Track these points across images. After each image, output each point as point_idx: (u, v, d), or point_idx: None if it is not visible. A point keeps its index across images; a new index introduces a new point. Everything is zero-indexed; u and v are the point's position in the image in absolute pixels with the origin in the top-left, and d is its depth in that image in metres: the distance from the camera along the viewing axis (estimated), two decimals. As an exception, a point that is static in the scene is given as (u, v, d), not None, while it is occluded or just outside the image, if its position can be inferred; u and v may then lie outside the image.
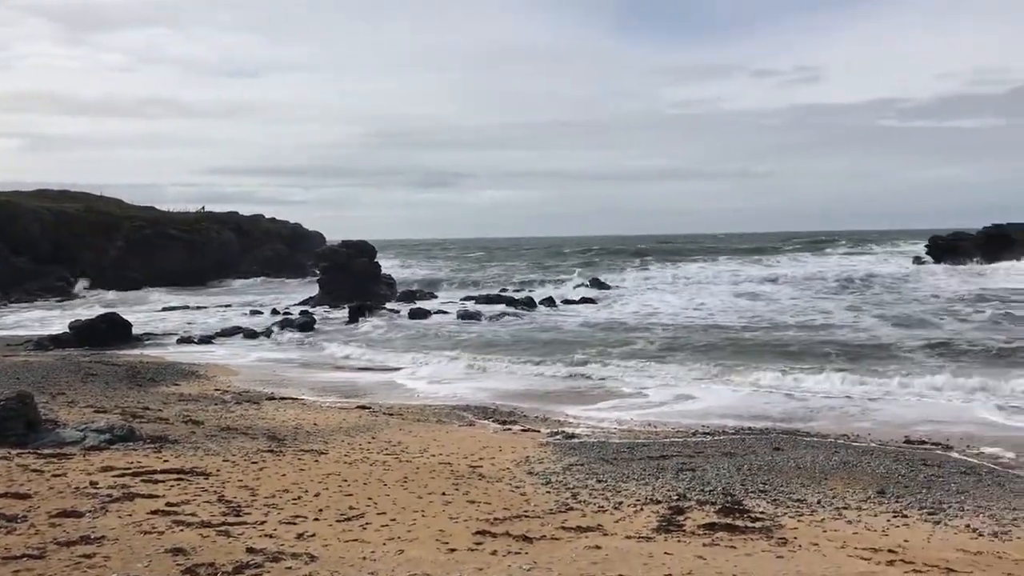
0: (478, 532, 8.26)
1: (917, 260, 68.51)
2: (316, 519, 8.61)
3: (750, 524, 8.87)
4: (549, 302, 39.80)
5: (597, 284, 48.25)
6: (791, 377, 19.23)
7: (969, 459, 12.53)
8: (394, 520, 8.69)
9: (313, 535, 7.96)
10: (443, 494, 10.00)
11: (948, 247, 66.60)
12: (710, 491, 10.40)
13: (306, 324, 32.55)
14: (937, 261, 65.02)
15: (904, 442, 13.64)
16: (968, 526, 9.04)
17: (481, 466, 11.72)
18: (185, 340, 29.33)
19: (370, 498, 9.63)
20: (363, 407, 17.01)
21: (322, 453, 12.25)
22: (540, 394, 18.72)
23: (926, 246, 71.51)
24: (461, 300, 42.37)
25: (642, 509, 9.53)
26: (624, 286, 49.82)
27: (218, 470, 10.67)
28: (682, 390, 18.53)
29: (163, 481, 9.80)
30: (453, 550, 7.63)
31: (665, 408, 16.97)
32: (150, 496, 9.02)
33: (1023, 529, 8.93)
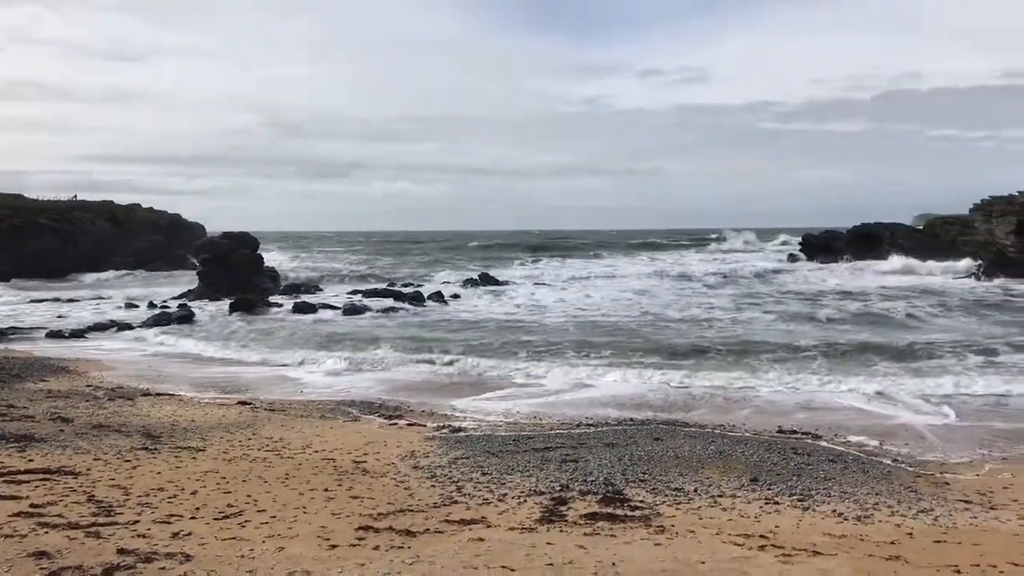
0: (361, 528, 8.19)
1: (792, 257, 71.38)
2: (192, 518, 8.37)
3: (630, 513, 9.08)
4: (438, 297, 39.67)
5: (488, 279, 48.37)
6: (673, 370, 19.73)
7: (836, 447, 13.13)
8: (274, 517, 8.53)
9: (189, 534, 7.73)
10: (326, 490, 9.86)
11: (820, 245, 69.68)
12: (592, 481, 10.60)
13: (184, 318, 31.52)
14: (810, 258, 67.95)
15: (777, 432, 14.19)
16: (834, 511, 9.48)
17: (365, 461, 11.61)
18: (55, 334, 27.94)
19: (250, 495, 9.42)
20: (244, 403, 16.59)
21: (200, 450, 11.91)
22: (427, 388, 18.67)
23: (800, 244, 74.68)
24: (348, 294, 41.80)
25: (526, 501, 9.63)
26: (516, 281, 50.11)
27: (88, 469, 10.24)
28: (569, 382, 18.80)
29: (27, 482, 9.35)
30: (335, 546, 7.53)
31: (551, 399, 17.19)
32: (12, 498, 8.59)
33: (884, 512, 9.43)
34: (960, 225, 58.96)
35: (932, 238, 61.99)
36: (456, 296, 40.59)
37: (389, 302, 36.93)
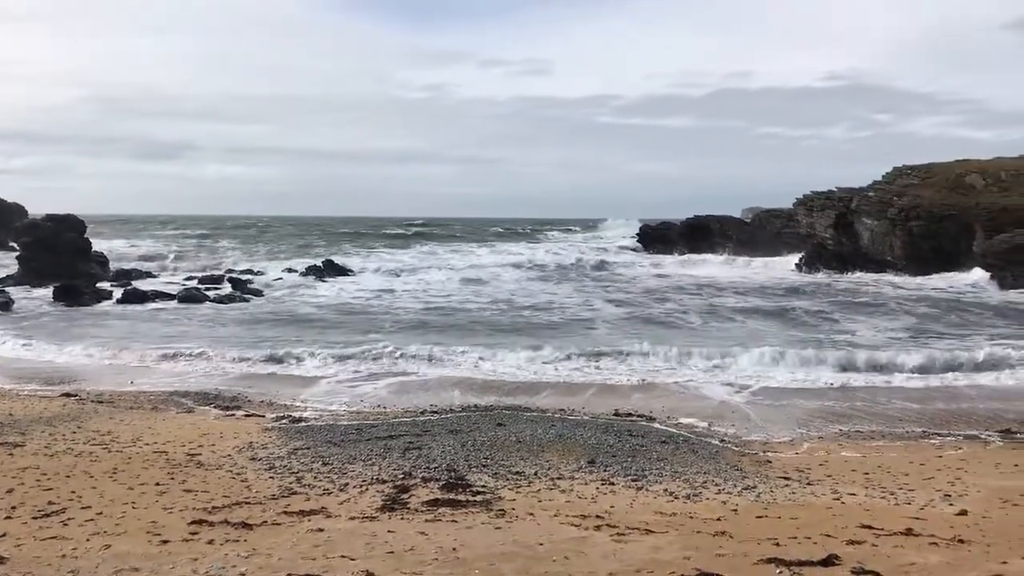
0: (194, 522, 7.91)
1: (629, 248, 73.85)
2: (8, 517, 7.86)
3: (471, 498, 9.18)
4: (280, 284, 38.71)
5: (333, 266, 47.46)
6: (514, 355, 20.01)
7: (669, 428, 13.71)
8: (100, 514, 8.12)
9: (3, 535, 7.25)
10: (157, 484, 9.47)
11: (656, 236, 72.48)
12: (435, 468, 10.64)
13: (2, 304, 29.42)
14: (647, 249, 70.57)
15: (614, 414, 14.66)
16: (666, 490, 9.90)
17: (200, 454, 11.22)
18: None
19: (74, 492, 8.93)
20: (68, 395, 15.68)
21: (18, 445, 11.17)
22: (267, 378, 18.18)
23: (637, 235, 77.34)
24: (184, 281, 40.12)
25: (367, 489, 9.56)
26: (359, 268, 49.45)
27: None
28: (411, 369, 18.73)
29: None
30: (166, 541, 7.25)
31: (397, 385, 17.10)
32: None
33: (711, 491, 9.93)
34: (784, 218, 62.50)
35: (759, 230, 65.48)
36: (298, 284, 39.70)
37: (227, 289, 35.73)
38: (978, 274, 44.08)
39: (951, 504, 9.42)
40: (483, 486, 9.81)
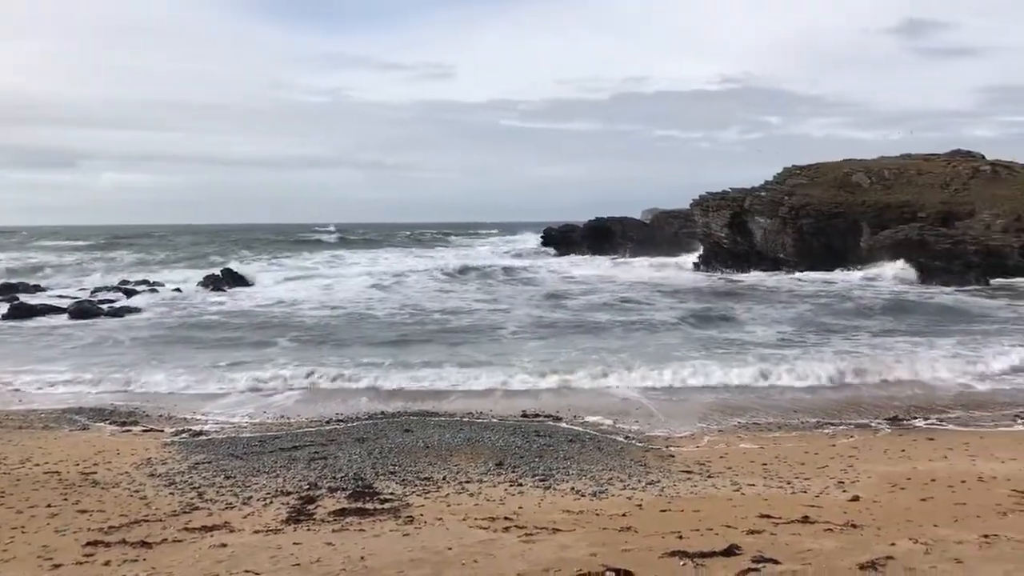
0: (89, 543, 7.63)
1: (534, 251, 74.51)
2: None
3: (379, 506, 9.12)
4: (179, 294, 37.63)
5: (233, 275, 46.28)
6: (423, 360, 19.93)
7: (575, 427, 13.87)
8: (-13, 541, 7.74)
9: None
10: (48, 506, 9.10)
11: (560, 239, 73.33)
12: (342, 477, 10.53)
13: None
14: (552, 251, 71.29)
15: (522, 416, 14.75)
16: (573, 488, 10.03)
17: (95, 472, 10.82)
18: None
19: (-43, 519, 8.49)
20: (-50, 417, 14.88)
21: None
22: (166, 392, 17.60)
23: (541, 237, 78.12)
24: (76, 293, 38.54)
25: (272, 502, 9.40)
26: (262, 276, 48.36)
27: None
28: (316, 378, 18.40)
29: None
30: (58, 565, 6.98)
31: (298, 395, 16.79)
32: None
33: (617, 487, 10.10)
34: (682, 219, 64.04)
35: (658, 231, 66.93)
36: (198, 293, 38.66)
37: (123, 301, 34.52)
38: (887, 269, 45.66)
39: (844, 491, 9.82)
40: (391, 493, 9.75)
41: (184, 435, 13.48)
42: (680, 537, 7.59)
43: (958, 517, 8.35)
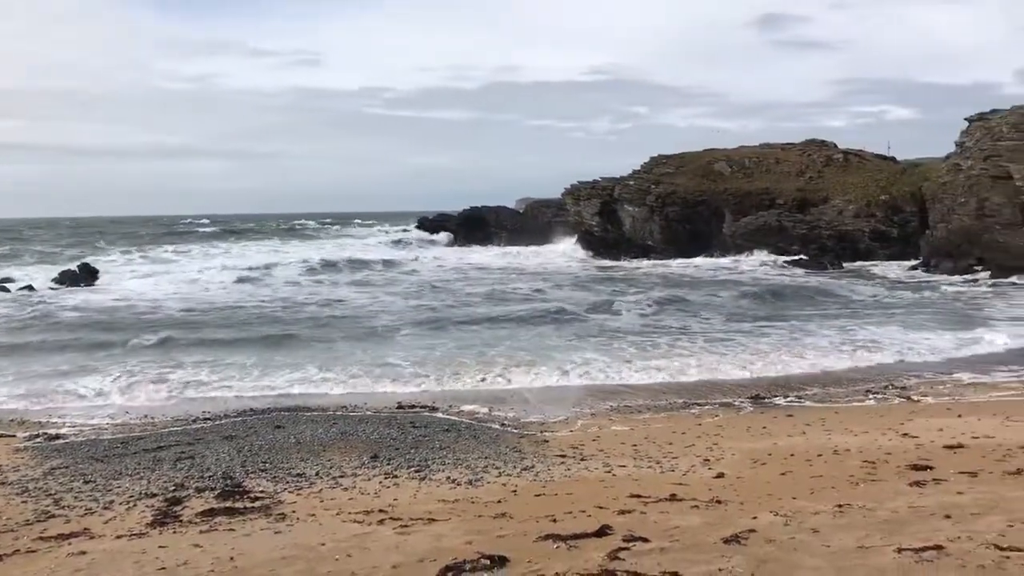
0: (-68, 559, 7.14)
1: (408, 241, 74.02)
2: None
3: (250, 504, 8.88)
4: (29, 290, 35.59)
5: (89, 270, 44.04)
6: (293, 357, 19.53)
7: (451, 417, 13.89)
8: None
9: None
10: None
11: (434, 228, 73.20)
12: (210, 477, 10.21)
13: None
14: (425, 241, 71.03)
15: (397, 408, 14.66)
16: (449, 478, 10.04)
17: (-62, 483, 10.12)
18: None
19: None
20: None
21: None
22: (16, 395, 16.58)
23: (416, 227, 77.75)
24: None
25: (136, 505, 9.04)
26: (123, 271, 46.27)
27: None
28: (181, 376, 17.73)
29: None
30: None
31: (162, 394, 16.14)
32: None
33: (492, 474, 10.16)
34: (555, 208, 64.94)
35: (531, 220, 67.66)
36: (53, 290, 36.64)
37: (-34, 300, 32.37)
38: (754, 255, 47.57)
39: (710, 468, 10.18)
40: (262, 491, 9.52)
41: (39, 439, 12.78)
42: (554, 520, 7.69)
43: (814, 489, 8.78)
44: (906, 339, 21.04)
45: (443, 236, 69.94)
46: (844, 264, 43.90)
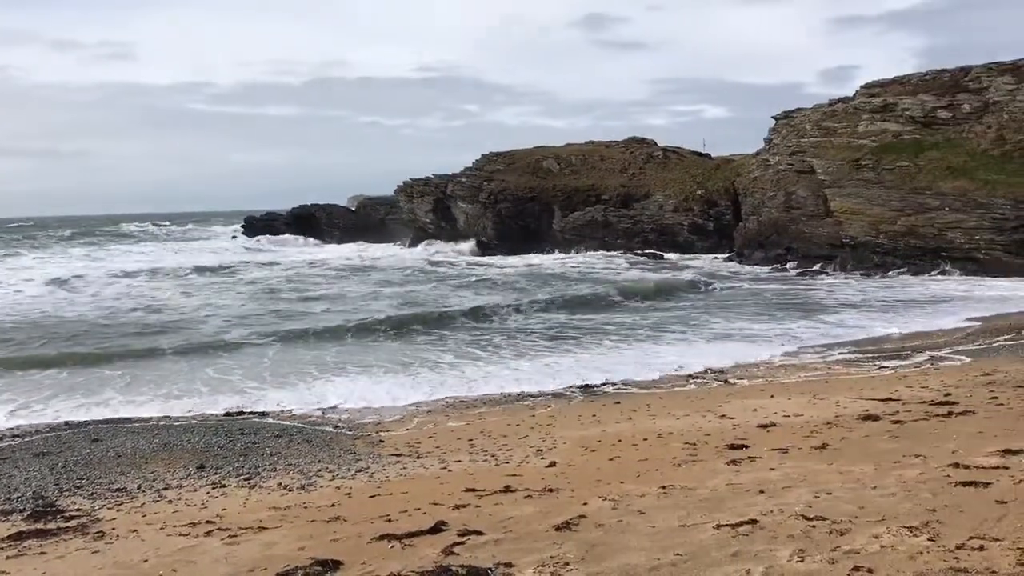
0: None
1: (234, 238, 71.81)
2: None
3: (64, 524, 8.35)
4: None
5: None
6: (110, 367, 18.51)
7: (282, 422, 13.54)
8: None
9: None
10: None
11: (262, 227, 71.18)
12: (18, 498, 9.52)
13: None
14: (252, 239, 69.11)
15: (224, 415, 14.14)
16: (280, 484, 9.78)
17: None
18: None
19: None
20: None
21: None
22: None
23: (242, 226, 75.33)
24: None
25: (-69, 534, 8.28)
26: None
27: None
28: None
29: None
30: None
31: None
32: None
33: (326, 478, 9.98)
34: (388, 205, 64.54)
35: (365, 217, 66.96)
36: None
37: None
38: (581, 251, 48.74)
39: (543, 458, 10.40)
40: (78, 509, 8.96)
41: None
42: (389, 520, 7.65)
43: (640, 472, 9.15)
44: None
45: (271, 235, 68.12)
46: (665, 256, 45.99)
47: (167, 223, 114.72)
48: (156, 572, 6.50)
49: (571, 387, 15.66)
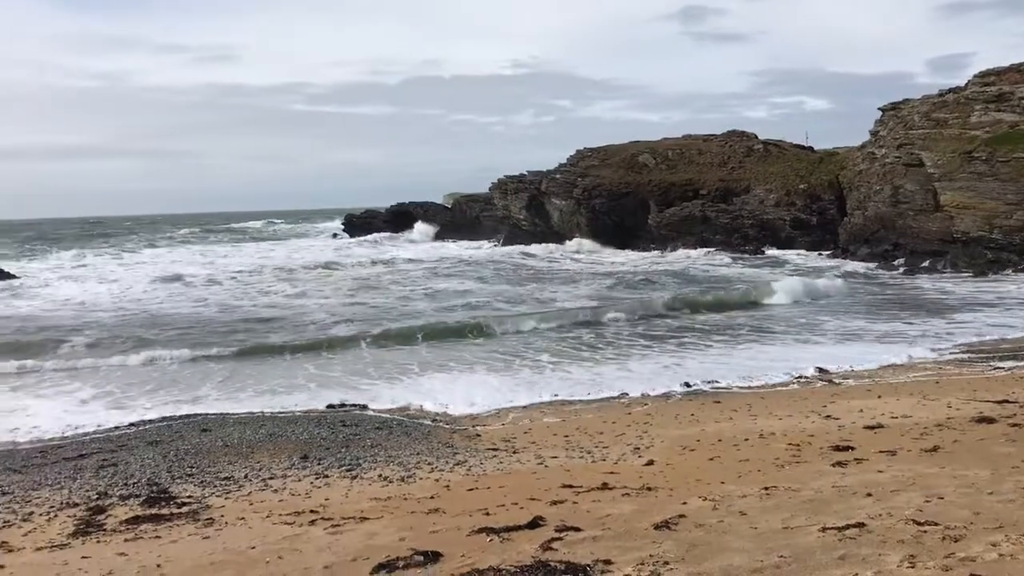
0: None
1: (335, 236, 73.39)
2: None
3: (176, 510, 8.69)
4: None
5: (1, 274, 42.46)
6: (232, 359, 19.17)
7: (382, 414, 13.79)
8: None
9: None
10: None
11: (361, 224, 72.58)
12: (134, 484, 9.96)
13: None
14: (352, 237, 70.49)
15: (327, 407, 14.48)
16: (380, 475, 9.96)
17: None
18: None
19: None
20: None
21: None
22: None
23: (342, 223, 76.98)
24: None
25: (57, 515, 8.75)
26: (38, 275, 44.75)
27: None
28: (112, 387, 17.20)
29: None
30: None
31: (91, 406, 15.61)
32: None
33: (425, 470, 10.12)
34: (483, 203, 64.95)
35: (460, 215, 67.54)
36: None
37: None
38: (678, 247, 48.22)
39: (640, 456, 10.31)
40: (189, 496, 9.32)
41: (-48, 452, 12.28)
42: (487, 514, 7.70)
43: (742, 473, 8.97)
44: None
45: (369, 232, 69.39)
46: (765, 251, 45.08)
47: (279, 221, 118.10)
48: (263, 559, 6.69)
49: (670, 387, 15.41)
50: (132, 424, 13.70)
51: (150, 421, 13.90)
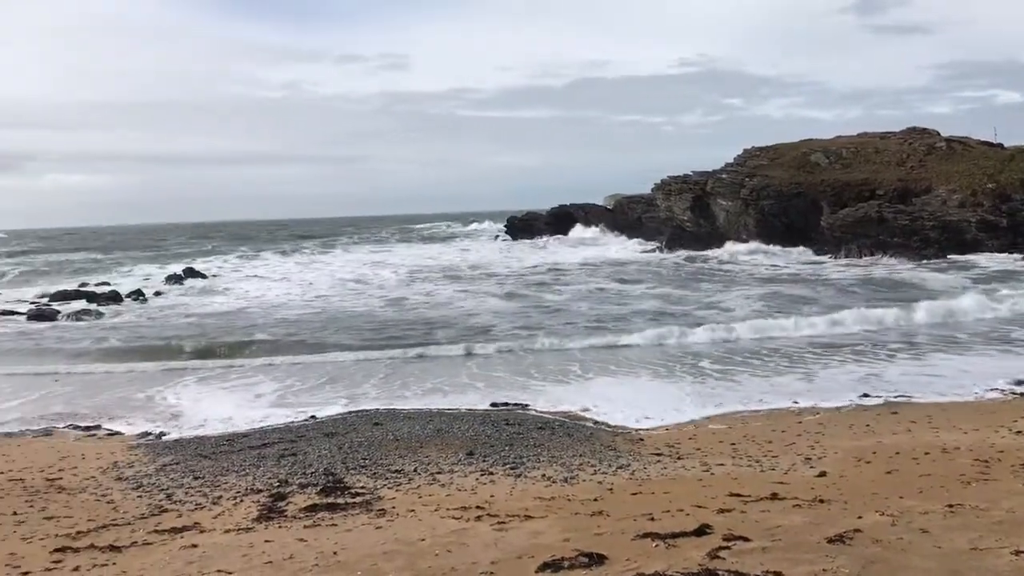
0: (57, 550, 7.53)
1: (497, 238, 74.75)
2: None
3: (351, 500, 9.08)
4: (138, 295, 37.08)
5: (194, 273, 45.70)
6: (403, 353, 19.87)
7: (545, 415, 13.91)
8: (-49, 552, 7.61)
9: None
10: (14, 514, 8.97)
11: (523, 226, 73.52)
12: (312, 473, 10.48)
13: None
14: (514, 239, 71.56)
15: (491, 405, 14.75)
16: (544, 475, 10.06)
17: (61, 478, 10.67)
18: None
19: (-81, 531, 8.33)
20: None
21: None
22: (131, 393, 17.29)
23: (504, 226, 78.25)
24: (36, 298, 37.62)
25: (242, 500, 9.33)
26: (225, 274, 47.82)
27: None
28: (294, 381, 18.22)
29: None
30: (26, 573, 6.88)
31: (290, 399, 16.51)
32: None
33: (587, 472, 10.14)
34: (645, 204, 64.30)
35: (621, 216, 67.20)
36: (159, 293, 38.11)
37: (81, 304, 33.92)
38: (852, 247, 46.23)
39: (811, 467, 9.95)
40: (362, 487, 9.72)
41: (150, 437, 13.34)
42: (652, 519, 7.64)
43: (923, 488, 8.49)
44: None
45: (531, 234, 70.15)
46: (948, 256, 42.35)
47: (446, 224, 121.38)
48: (432, 551, 6.89)
49: (844, 396, 14.72)
50: (311, 416, 14.42)
51: (326, 414, 14.58)
